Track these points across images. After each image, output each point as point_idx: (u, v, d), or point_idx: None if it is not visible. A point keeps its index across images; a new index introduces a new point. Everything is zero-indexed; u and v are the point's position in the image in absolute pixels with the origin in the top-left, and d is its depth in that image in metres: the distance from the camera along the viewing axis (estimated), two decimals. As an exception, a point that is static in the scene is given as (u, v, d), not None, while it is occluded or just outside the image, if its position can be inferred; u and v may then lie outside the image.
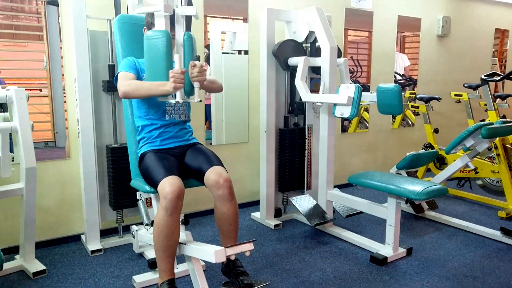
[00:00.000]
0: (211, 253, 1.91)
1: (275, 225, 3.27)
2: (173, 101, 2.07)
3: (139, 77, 2.23)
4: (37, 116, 2.85)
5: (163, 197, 1.96)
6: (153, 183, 2.08)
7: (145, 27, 2.29)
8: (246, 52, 3.60)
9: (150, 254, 2.60)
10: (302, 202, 3.18)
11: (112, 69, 2.74)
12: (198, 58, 2.09)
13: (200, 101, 2.14)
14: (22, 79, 2.84)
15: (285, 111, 3.38)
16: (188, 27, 2.17)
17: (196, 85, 2.06)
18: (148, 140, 2.29)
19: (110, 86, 2.70)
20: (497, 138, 3.39)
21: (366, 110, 4.59)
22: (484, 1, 5.56)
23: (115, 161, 2.76)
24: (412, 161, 3.23)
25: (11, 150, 2.43)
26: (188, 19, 2.17)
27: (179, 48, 2.12)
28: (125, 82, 2.13)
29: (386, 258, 2.66)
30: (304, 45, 3.27)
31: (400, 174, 3.28)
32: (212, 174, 2.13)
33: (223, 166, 2.21)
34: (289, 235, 3.13)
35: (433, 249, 2.89)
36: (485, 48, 5.82)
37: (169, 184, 1.97)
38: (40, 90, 2.89)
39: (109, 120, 2.83)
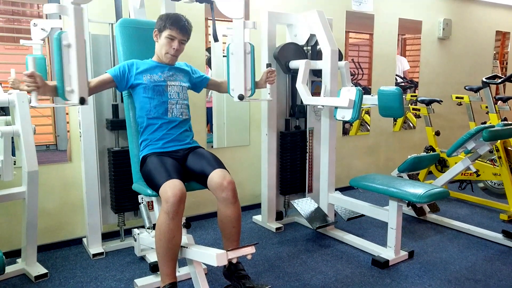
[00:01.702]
0: (213, 256, 1.91)
1: (277, 228, 3.27)
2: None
3: (122, 79, 2.27)
4: (38, 119, 2.86)
5: (165, 200, 1.96)
6: (155, 187, 2.09)
7: (155, 29, 2.31)
8: (247, 55, 3.60)
9: (152, 257, 2.60)
10: (304, 205, 3.18)
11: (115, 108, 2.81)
12: (270, 65, 2.61)
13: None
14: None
15: (286, 114, 3.38)
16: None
17: (269, 86, 2.61)
18: (150, 142, 2.30)
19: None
20: (499, 141, 3.39)
21: (367, 112, 4.59)
22: (485, 3, 5.57)
23: (117, 164, 2.77)
24: (414, 164, 3.23)
25: (13, 154, 2.44)
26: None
27: (246, 56, 2.36)
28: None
29: (387, 261, 2.66)
30: (305, 48, 3.28)
31: (402, 177, 3.28)
32: (216, 176, 2.14)
33: (226, 169, 2.22)
34: (290, 238, 3.13)
35: (435, 252, 2.88)
36: (486, 50, 5.82)
37: (170, 187, 1.97)
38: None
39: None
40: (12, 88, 2.32)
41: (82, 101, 1.83)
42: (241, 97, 2.37)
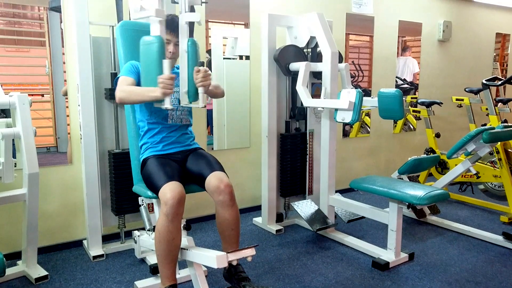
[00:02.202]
0: (213, 258, 1.91)
1: (277, 230, 3.27)
2: (165, 107, 2.08)
3: (139, 82, 2.24)
4: (39, 122, 2.86)
5: (164, 203, 1.97)
6: (155, 189, 2.09)
7: None
8: (247, 58, 3.62)
9: (152, 259, 2.60)
10: (304, 207, 3.18)
11: (114, 77, 2.75)
12: (202, 64, 2.11)
13: (204, 106, 2.17)
14: (24, 85, 2.85)
15: (287, 116, 3.39)
16: (191, 33, 2.19)
17: (200, 90, 2.09)
18: (151, 145, 2.30)
19: (113, 94, 2.71)
20: (499, 143, 3.39)
21: (368, 114, 4.59)
22: (485, 5, 5.58)
23: (117, 166, 2.77)
24: (414, 166, 3.23)
25: (14, 156, 2.44)
26: (191, 25, 2.19)
27: (183, 54, 2.13)
28: (121, 87, 2.14)
29: (388, 263, 2.66)
30: (305, 50, 3.28)
31: (402, 179, 3.28)
32: (213, 179, 2.14)
33: (224, 172, 2.22)
34: (290, 240, 3.13)
35: (435, 254, 2.88)
36: (486, 52, 5.83)
37: (170, 189, 1.98)
38: (42, 95, 2.90)
39: (111, 126, 2.84)
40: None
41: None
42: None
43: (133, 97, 2.11)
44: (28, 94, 2.38)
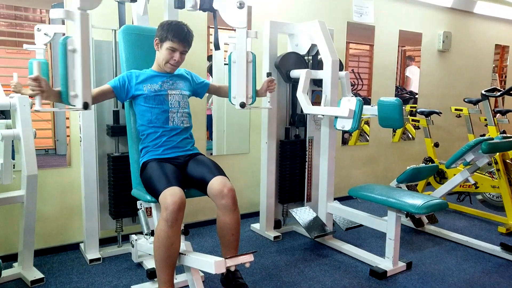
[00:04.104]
0: (211, 263, 1.90)
1: (275, 237, 3.26)
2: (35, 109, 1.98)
3: (122, 90, 2.28)
4: (38, 124, 2.85)
5: (164, 208, 1.96)
6: (155, 193, 2.09)
7: (156, 38, 2.30)
8: (248, 64, 3.62)
9: (149, 264, 2.59)
10: (302, 214, 3.18)
11: (115, 114, 2.83)
12: (270, 74, 2.66)
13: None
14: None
15: (287, 122, 3.39)
16: None
17: (268, 95, 2.65)
18: (151, 148, 2.30)
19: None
20: (497, 153, 3.40)
21: (367, 123, 4.60)
22: (484, 17, 5.62)
23: (116, 170, 2.76)
24: (413, 175, 3.23)
25: (13, 157, 2.44)
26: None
27: (248, 65, 2.38)
28: None
29: (385, 272, 2.65)
30: (306, 57, 3.30)
31: (400, 187, 3.28)
32: (216, 183, 2.14)
33: (226, 176, 2.22)
34: (288, 247, 3.12)
35: (433, 264, 2.88)
36: (485, 63, 5.86)
37: (170, 195, 1.97)
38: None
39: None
40: (14, 92, 2.32)
41: (86, 106, 1.84)
42: (242, 105, 2.39)
43: None
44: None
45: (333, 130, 3.03)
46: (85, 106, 1.84)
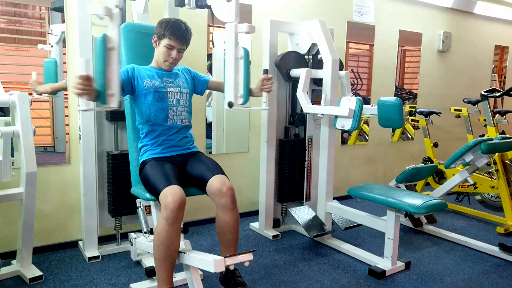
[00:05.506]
0: (211, 262, 1.90)
1: (274, 236, 3.26)
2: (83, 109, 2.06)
3: (128, 82, 2.23)
4: (36, 121, 2.85)
5: (165, 206, 1.96)
6: (155, 192, 2.08)
7: (155, 35, 2.29)
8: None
9: (148, 262, 2.59)
10: (301, 213, 3.18)
11: None
12: (267, 72, 2.39)
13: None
14: (23, 84, 2.84)
15: (286, 122, 3.39)
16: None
17: (265, 95, 2.44)
18: (150, 147, 2.30)
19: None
20: (496, 154, 3.41)
21: (366, 122, 4.60)
22: (484, 17, 5.62)
23: (116, 168, 2.76)
24: (412, 175, 3.23)
25: (12, 155, 2.43)
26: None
27: (239, 61, 2.22)
28: None
29: (384, 271, 2.66)
30: (306, 57, 3.30)
31: (399, 187, 3.28)
32: (215, 182, 2.13)
33: (226, 175, 2.21)
34: (287, 246, 3.12)
35: (431, 264, 2.88)
36: (485, 64, 5.87)
37: (170, 193, 1.97)
38: (41, 94, 2.89)
39: (110, 127, 2.84)
40: (32, 90, 2.36)
41: (120, 104, 1.88)
42: (230, 105, 2.26)
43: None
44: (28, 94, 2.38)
45: (333, 129, 3.03)
46: (119, 105, 1.88)
